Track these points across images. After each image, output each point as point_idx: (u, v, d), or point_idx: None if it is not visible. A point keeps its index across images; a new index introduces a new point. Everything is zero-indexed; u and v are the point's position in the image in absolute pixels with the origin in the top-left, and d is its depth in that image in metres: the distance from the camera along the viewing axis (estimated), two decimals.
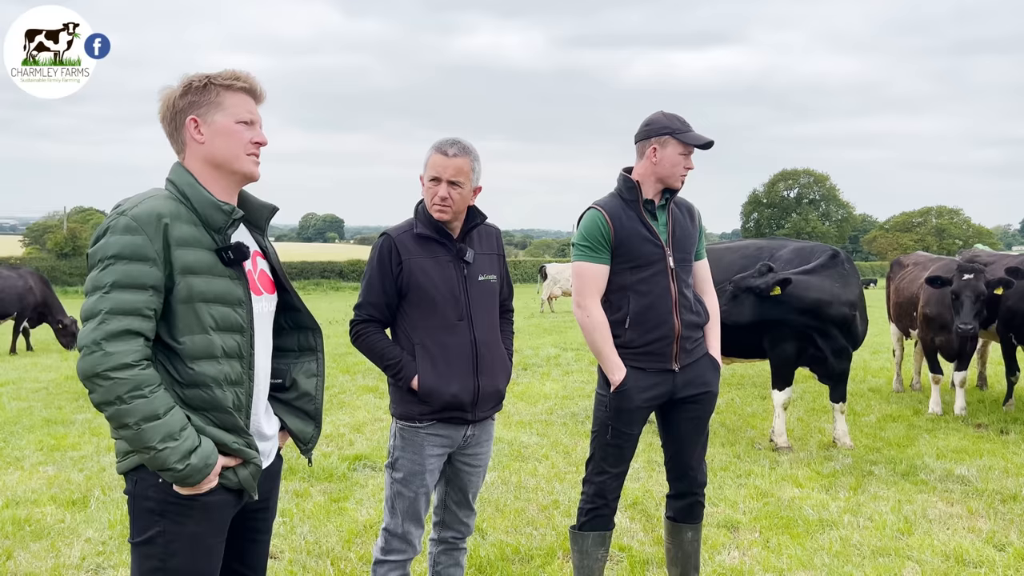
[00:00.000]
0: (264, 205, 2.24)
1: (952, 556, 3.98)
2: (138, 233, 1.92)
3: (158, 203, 1.99)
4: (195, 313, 1.99)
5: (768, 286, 5.68)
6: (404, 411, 2.87)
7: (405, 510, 2.88)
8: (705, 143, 3.17)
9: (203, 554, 2.05)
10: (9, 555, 3.96)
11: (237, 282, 2.07)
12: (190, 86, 2.06)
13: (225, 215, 2.04)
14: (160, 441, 1.89)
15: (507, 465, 5.56)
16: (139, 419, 1.88)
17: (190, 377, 1.99)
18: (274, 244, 2.34)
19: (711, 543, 4.12)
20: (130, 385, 1.87)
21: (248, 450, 2.07)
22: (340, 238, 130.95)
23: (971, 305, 6.64)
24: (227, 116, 2.07)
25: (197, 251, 2.00)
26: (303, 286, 37.80)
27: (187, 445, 1.93)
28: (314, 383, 2.30)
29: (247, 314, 2.08)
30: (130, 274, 1.91)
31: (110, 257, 1.92)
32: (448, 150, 2.80)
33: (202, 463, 1.95)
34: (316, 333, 2.32)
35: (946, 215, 64.63)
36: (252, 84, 2.12)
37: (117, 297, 1.89)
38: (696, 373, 3.25)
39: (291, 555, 3.97)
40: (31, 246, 54.35)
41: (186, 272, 1.97)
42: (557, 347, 12.12)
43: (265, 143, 2.14)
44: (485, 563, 3.86)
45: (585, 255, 3.19)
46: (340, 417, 7.12)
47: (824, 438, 6.44)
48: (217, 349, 2.01)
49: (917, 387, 8.71)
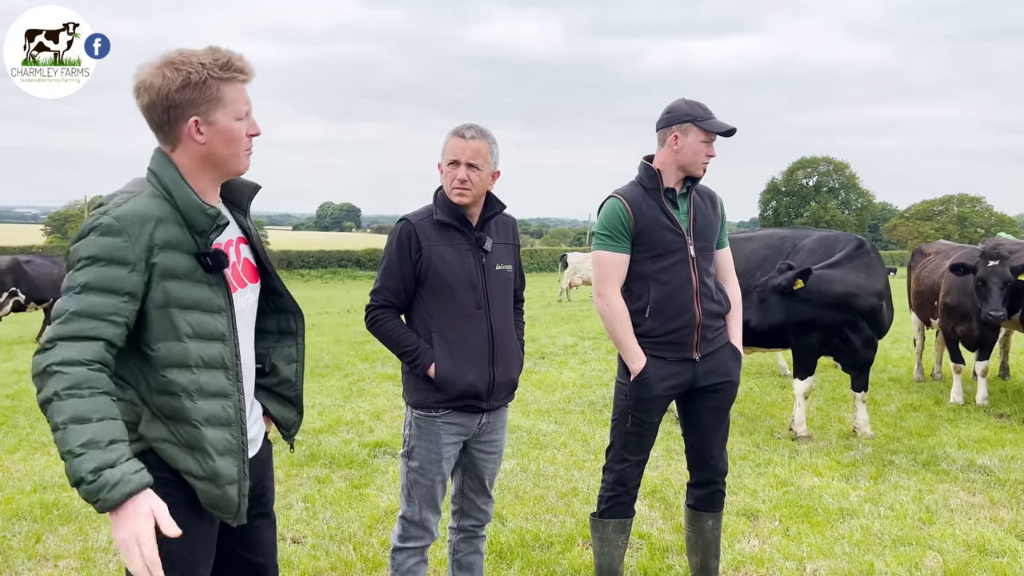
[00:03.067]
0: (246, 184, 2.14)
1: (974, 546, 3.96)
2: (119, 235, 1.82)
3: (144, 203, 1.88)
4: (170, 319, 1.89)
5: (789, 281, 5.64)
6: (419, 399, 2.87)
7: (422, 497, 2.89)
8: (727, 130, 3.15)
9: (198, 542, 2.00)
10: (38, 538, 4.04)
11: (217, 289, 1.97)
12: (188, 79, 1.89)
13: (210, 219, 1.92)
14: (80, 445, 1.68)
15: (526, 453, 5.58)
16: (67, 419, 1.70)
17: (161, 385, 1.90)
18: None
19: (731, 531, 4.13)
20: (71, 381, 1.72)
21: (191, 479, 1.92)
22: (357, 227, 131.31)
23: (999, 292, 6.56)
24: (227, 114, 1.94)
25: (177, 254, 1.90)
26: (320, 274, 37.96)
27: (108, 457, 1.70)
28: (293, 369, 2.26)
29: (228, 322, 1.99)
30: (103, 277, 1.81)
31: (87, 258, 1.82)
32: (465, 133, 2.81)
33: (116, 480, 1.68)
34: (297, 317, 2.27)
35: (968, 203, 63.75)
36: (246, 67, 1.97)
37: (86, 299, 1.79)
38: (717, 362, 3.24)
39: (314, 540, 4.02)
40: (53, 235, 55.00)
41: (164, 276, 1.88)
42: (575, 336, 12.11)
43: (259, 133, 2.04)
44: (505, 549, 3.88)
45: (605, 244, 3.19)
46: (360, 404, 7.17)
47: (844, 427, 6.41)
48: (192, 358, 1.91)
49: (938, 376, 8.64)
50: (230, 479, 1.96)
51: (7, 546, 3.95)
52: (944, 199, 64.59)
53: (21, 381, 8.61)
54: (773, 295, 5.72)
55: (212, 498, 1.95)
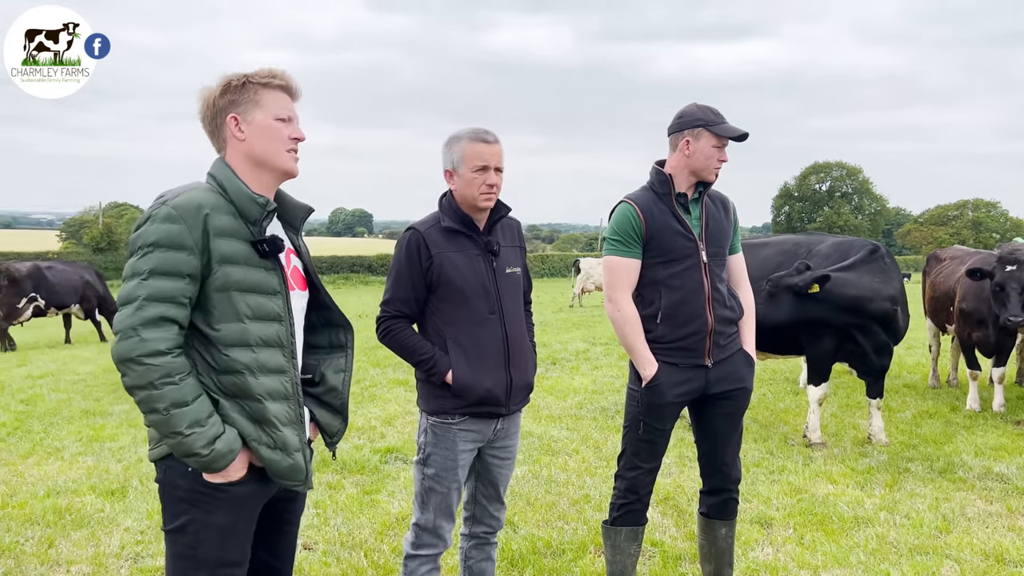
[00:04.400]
0: (300, 205, 2.29)
1: (992, 555, 3.91)
2: (177, 222, 1.97)
3: (199, 194, 2.04)
4: (230, 301, 2.03)
5: (806, 283, 5.60)
6: (436, 406, 2.85)
7: (438, 505, 2.87)
8: (739, 135, 3.13)
9: (232, 543, 2.09)
10: (51, 543, 4.05)
11: (273, 272, 2.11)
12: (228, 85, 2.11)
13: (260, 207, 2.08)
14: (187, 427, 1.95)
15: (538, 459, 5.56)
16: (168, 405, 1.94)
17: (224, 364, 2.04)
18: (304, 238, 2.38)
19: (744, 539, 4.09)
20: (162, 372, 1.93)
21: (265, 449, 2.07)
22: (369, 232, 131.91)
23: (1018, 296, 6.49)
24: (266, 114, 2.12)
25: (234, 241, 2.04)
26: (332, 280, 38.13)
27: (212, 431, 1.98)
28: (341, 378, 2.33)
29: (284, 303, 2.12)
30: (168, 262, 1.96)
31: (149, 245, 1.97)
32: (487, 137, 2.81)
33: (226, 449, 2.00)
34: (347, 331, 2.36)
35: (983, 208, 63.23)
36: (288, 81, 2.17)
37: (154, 284, 1.95)
38: (730, 369, 3.21)
39: (325, 546, 4.01)
40: (68, 240, 55.41)
41: (223, 261, 2.02)
42: (586, 341, 12.08)
43: (303, 138, 2.19)
44: (517, 556, 3.86)
45: (616, 249, 3.17)
46: (371, 410, 7.17)
47: (859, 434, 6.35)
48: (252, 338, 2.05)
49: (954, 383, 8.56)
50: (295, 447, 2.12)
51: (20, 551, 3.97)
52: (959, 204, 64.09)
53: (36, 386, 8.67)
54: (786, 293, 5.68)
55: (283, 469, 2.10)
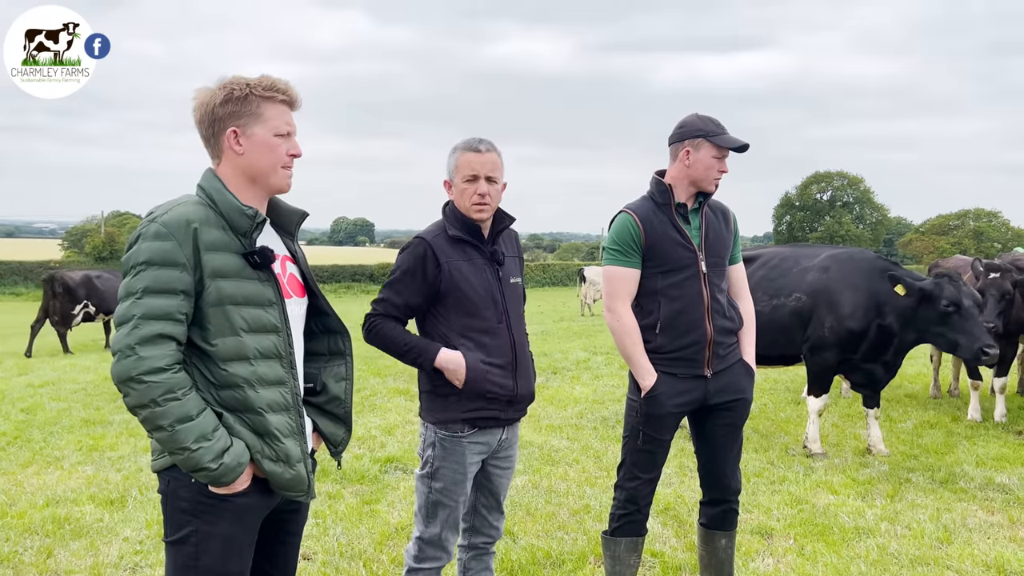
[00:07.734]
0: (294, 211, 2.27)
1: (993, 566, 3.89)
2: (168, 239, 1.96)
3: (188, 209, 2.03)
4: (225, 316, 2.02)
5: None
6: (445, 417, 2.81)
7: (446, 519, 2.86)
8: (740, 146, 3.13)
9: (234, 554, 2.08)
10: (49, 553, 4.04)
11: (267, 284, 2.10)
12: (231, 95, 2.08)
13: (249, 219, 2.07)
14: (194, 442, 1.94)
15: (538, 469, 5.55)
16: (173, 421, 1.93)
17: (223, 379, 2.03)
18: (306, 248, 2.38)
19: (745, 550, 4.08)
20: (163, 388, 1.92)
21: (267, 462, 2.07)
22: (370, 241, 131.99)
23: (995, 304, 6.52)
24: (267, 129, 2.10)
25: (225, 255, 2.03)
26: (334, 289, 38.15)
27: (220, 445, 1.98)
28: (343, 387, 2.32)
29: (280, 314, 2.11)
30: (161, 279, 1.95)
31: (141, 263, 1.96)
32: (479, 147, 2.81)
33: (235, 462, 2.00)
34: (345, 337, 2.35)
35: (984, 217, 63.19)
36: (290, 94, 2.15)
37: (149, 302, 1.94)
38: (729, 379, 3.21)
39: (324, 556, 4.00)
40: (70, 249, 55.48)
41: (216, 276, 2.01)
42: (587, 351, 12.07)
43: (300, 155, 2.17)
44: (516, 567, 3.85)
45: (615, 259, 3.17)
46: (371, 419, 7.16)
47: (859, 444, 6.33)
48: (249, 350, 2.04)
49: (955, 393, 8.54)
50: (297, 458, 2.12)
51: (19, 561, 3.96)
52: (960, 213, 64.06)
53: (36, 395, 8.66)
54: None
55: (286, 481, 2.10)
